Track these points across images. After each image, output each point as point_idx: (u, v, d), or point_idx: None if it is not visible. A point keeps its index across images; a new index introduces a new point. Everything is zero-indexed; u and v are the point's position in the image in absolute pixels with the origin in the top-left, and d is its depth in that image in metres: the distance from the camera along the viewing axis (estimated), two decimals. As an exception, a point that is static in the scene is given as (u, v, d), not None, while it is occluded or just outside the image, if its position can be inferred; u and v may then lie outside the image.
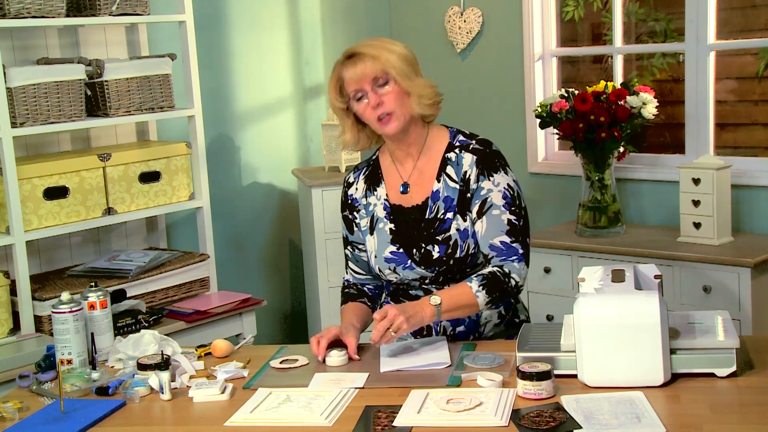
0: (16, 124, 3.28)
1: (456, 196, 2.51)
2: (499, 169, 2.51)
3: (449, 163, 2.53)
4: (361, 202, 2.63)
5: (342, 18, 4.82)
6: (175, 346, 2.49)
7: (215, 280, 3.84)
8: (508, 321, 2.61)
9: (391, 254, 2.54)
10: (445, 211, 2.51)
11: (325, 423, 2.02)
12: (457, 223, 2.49)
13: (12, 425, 2.13)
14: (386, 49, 2.46)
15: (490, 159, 2.51)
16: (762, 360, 2.20)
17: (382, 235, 2.57)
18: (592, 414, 1.94)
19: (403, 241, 2.54)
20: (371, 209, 2.60)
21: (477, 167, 2.50)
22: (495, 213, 2.48)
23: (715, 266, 3.60)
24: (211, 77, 4.25)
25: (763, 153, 4.33)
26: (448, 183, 2.52)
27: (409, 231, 2.54)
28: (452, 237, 2.49)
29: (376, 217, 2.59)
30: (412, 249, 2.52)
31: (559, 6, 4.57)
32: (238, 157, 4.43)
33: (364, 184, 2.64)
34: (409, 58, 2.51)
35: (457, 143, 2.56)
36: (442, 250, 2.49)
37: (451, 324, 2.55)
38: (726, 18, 4.39)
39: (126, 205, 3.60)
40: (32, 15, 3.30)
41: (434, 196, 2.52)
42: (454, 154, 2.53)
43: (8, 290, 3.27)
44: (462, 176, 2.51)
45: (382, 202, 2.59)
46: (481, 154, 2.52)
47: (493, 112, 4.73)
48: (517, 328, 2.58)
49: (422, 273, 2.52)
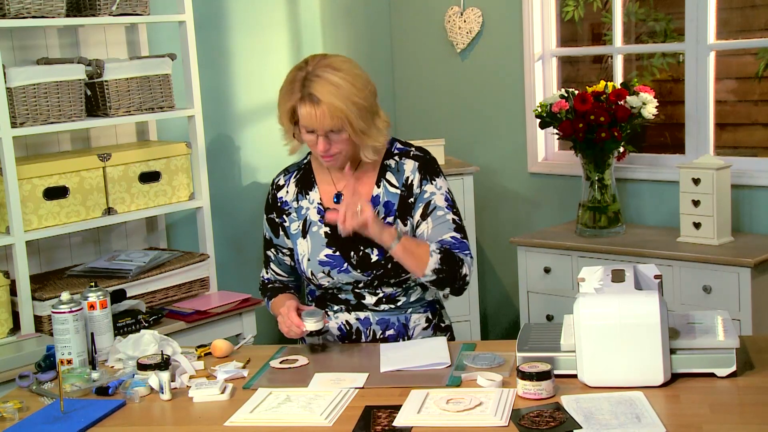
0: (16, 124, 3.28)
1: (397, 201, 2.51)
2: (439, 174, 2.55)
3: (389, 169, 2.53)
4: (292, 206, 2.61)
5: (342, 18, 4.82)
6: (175, 346, 2.49)
7: (215, 280, 3.84)
8: (434, 325, 2.61)
9: (326, 257, 2.53)
10: (386, 216, 2.50)
11: (325, 423, 2.02)
12: (398, 227, 2.49)
13: (12, 425, 2.13)
14: (348, 101, 2.35)
15: (431, 165, 2.54)
16: (762, 360, 2.20)
17: (316, 239, 2.55)
18: (592, 414, 1.94)
19: (338, 244, 2.52)
20: (303, 213, 2.59)
21: (419, 172, 2.51)
22: (440, 213, 2.50)
23: (715, 266, 3.61)
24: (211, 77, 4.25)
25: (763, 153, 4.33)
26: (388, 188, 2.52)
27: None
28: None
29: (309, 221, 2.57)
30: (350, 252, 2.51)
31: (559, 6, 4.57)
32: (238, 157, 4.43)
33: (295, 187, 2.62)
34: (368, 108, 2.41)
35: (396, 150, 2.56)
36: (381, 253, 2.48)
37: (380, 328, 2.55)
38: (726, 18, 4.39)
39: (126, 205, 3.59)
40: (32, 15, 3.30)
41: (374, 201, 2.51)
42: (393, 161, 2.54)
43: (8, 290, 3.27)
44: (404, 182, 2.51)
45: (315, 206, 2.57)
46: (422, 160, 2.54)
47: (493, 112, 4.73)
48: (443, 333, 2.63)
49: (357, 276, 2.51)
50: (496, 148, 4.75)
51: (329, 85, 2.36)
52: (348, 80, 2.38)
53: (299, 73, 2.41)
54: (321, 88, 2.36)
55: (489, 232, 4.82)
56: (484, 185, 4.73)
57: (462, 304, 4.34)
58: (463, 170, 4.32)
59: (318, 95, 2.35)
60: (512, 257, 4.35)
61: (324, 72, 2.38)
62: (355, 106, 2.37)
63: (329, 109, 2.35)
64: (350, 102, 2.36)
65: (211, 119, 4.19)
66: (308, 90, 2.37)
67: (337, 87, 2.36)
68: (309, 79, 2.38)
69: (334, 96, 2.35)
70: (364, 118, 2.40)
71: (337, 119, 2.37)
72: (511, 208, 4.73)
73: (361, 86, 2.39)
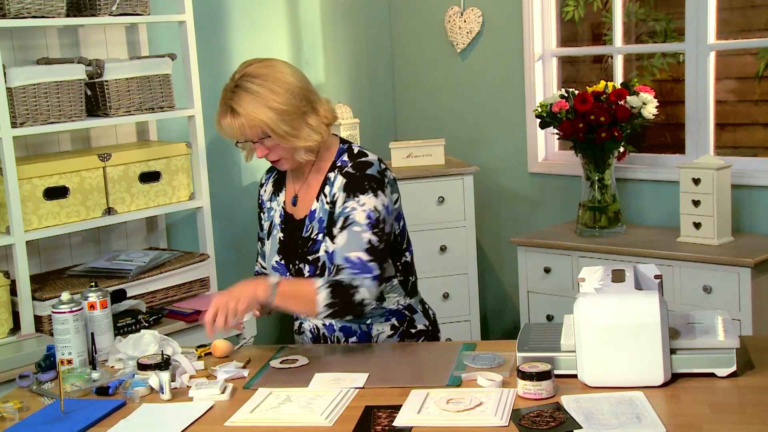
0: (16, 124, 3.27)
1: (326, 218, 2.49)
2: (367, 191, 2.44)
3: (328, 183, 2.51)
4: (266, 205, 2.65)
5: (342, 18, 4.82)
6: (175, 346, 2.50)
7: (215, 280, 3.84)
8: (402, 332, 2.57)
9: (276, 263, 2.56)
10: (318, 232, 2.49)
11: (325, 423, 2.02)
12: (326, 245, 2.47)
13: (12, 425, 2.13)
14: (265, 107, 2.36)
15: (359, 183, 2.44)
16: (762, 360, 2.20)
17: (273, 243, 2.59)
18: (592, 414, 1.94)
19: (285, 253, 2.55)
20: (272, 214, 2.62)
21: (344, 191, 2.45)
22: (356, 229, 2.41)
23: (715, 266, 3.61)
24: (211, 77, 4.24)
25: (763, 153, 4.33)
26: (324, 203, 2.50)
27: (292, 244, 2.54)
28: (320, 258, 2.47)
29: (274, 224, 2.60)
30: (290, 263, 2.53)
31: (559, 6, 4.57)
32: (238, 157, 4.43)
33: (271, 187, 2.65)
34: (290, 111, 2.39)
35: (339, 163, 2.51)
36: (311, 270, 2.49)
37: (343, 335, 2.56)
38: (726, 18, 4.39)
39: (126, 205, 3.59)
40: (32, 15, 3.29)
41: (311, 216, 2.51)
42: (333, 174, 2.50)
43: (8, 290, 3.27)
44: (331, 198, 2.48)
45: (279, 210, 2.60)
46: (351, 177, 2.46)
47: (493, 112, 4.73)
48: (415, 339, 2.58)
49: None
50: (496, 148, 4.75)
51: (247, 95, 2.37)
52: (265, 86, 2.38)
53: (230, 84, 2.43)
54: (239, 99, 2.38)
55: (489, 232, 4.82)
56: (484, 185, 4.73)
57: (462, 304, 4.34)
58: (463, 170, 4.32)
59: (236, 107, 2.38)
60: (512, 257, 4.35)
61: (243, 82, 2.39)
62: (274, 112, 2.36)
63: (246, 119, 2.37)
64: (267, 108, 2.36)
65: (211, 119, 4.16)
66: (229, 103, 2.40)
67: (255, 95, 2.37)
68: (232, 90, 2.40)
69: (250, 106, 2.37)
70: (286, 121, 2.38)
71: (256, 128, 2.39)
72: (511, 208, 4.73)
73: (280, 90, 2.38)
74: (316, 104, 2.46)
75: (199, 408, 2.15)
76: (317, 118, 2.45)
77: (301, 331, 2.66)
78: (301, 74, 2.48)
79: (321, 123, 2.46)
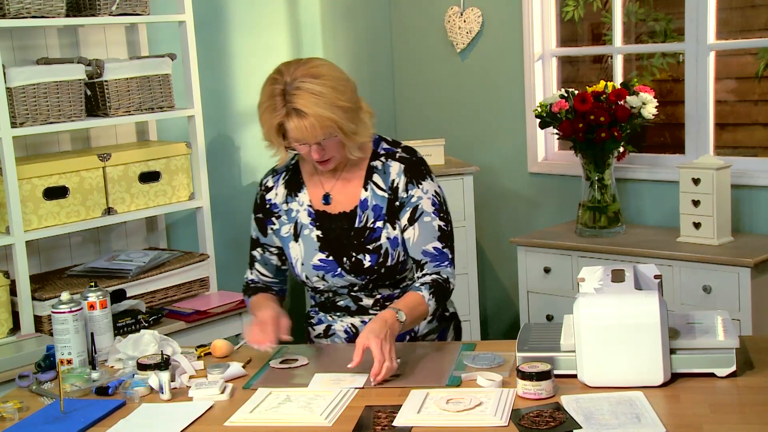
0: (16, 124, 3.27)
1: (385, 204, 2.49)
2: (426, 176, 2.50)
3: (376, 171, 2.51)
4: (282, 208, 2.58)
5: (342, 18, 4.82)
6: (175, 346, 2.50)
7: (215, 280, 3.84)
8: (439, 316, 2.62)
9: (320, 261, 2.52)
10: (375, 220, 2.49)
11: (325, 423, 2.02)
12: (387, 232, 2.48)
13: (12, 425, 2.13)
14: (334, 107, 2.33)
15: (417, 167, 2.50)
16: (762, 360, 2.20)
17: (308, 242, 2.53)
18: (592, 414, 1.94)
19: (331, 248, 2.51)
20: (294, 215, 2.56)
21: (405, 176, 2.48)
22: (426, 220, 2.47)
23: (715, 266, 3.60)
24: (211, 77, 4.25)
25: (763, 153, 4.33)
26: (375, 191, 2.50)
27: (338, 239, 2.51)
28: (383, 246, 2.48)
29: (301, 224, 2.55)
30: (342, 257, 2.50)
31: (559, 6, 4.57)
32: (238, 157, 4.43)
33: (284, 189, 2.59)
34: (353, 108, 2.38)
35: (382, 151, 2.53)
36: (374, 259, 2.48)
37: None
38: (726, 18, 4.39)
39: (126, 205, 3.59)
40: (32, 15, 3.29)
41: (362, 205, 2.50)
42: (380, 162, 2.51)
43: (8, 290, 3.27)
44: (390, 185, 2.49)
45: (305, 209, 2.55)
46: (408, 162, 2.50)
47: (493, 112, 4.73)
48: (448, 322, 2.63)
49: (352, 280, 2.51)
50: (496, 148, 4.75)
51: (311, 96, 2.32)
52: (329, 85, 2.34)
53: (276, 87, 2.35)
54: (304, 100, 2.32)
55: (489, 232, 4.82)
56: (484, 185, 4.73)
57: (462, 304, 4.33)
58: (463, 170, 4.32)
59: (303, 108, 2.32)
60: (512, 257, 4.35)
61: (303, 83, 2.33)
62: (341, 110, 2.35)
63: (317, 120, 2.32)
64: (336, 108, 2.34)
65: (211, 119, 4.18)
66: (292, 104, 2.33)
67: (320, 95, 2.33)
68: (289, 92, 2.33)
69: (318, 106, 2.32)
70: (351, 119, 2.38)
71: (327, 128, 2.35)
72: (511, 208, 4.73)
73: (342, 88, 2.36)
74: (361, 100, 2.47)
75: (198, 408, 2.15)
76: (366, 113, 2.47)
77: (330, 334, 2.60)
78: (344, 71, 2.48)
79: (370, 117, 2.48)
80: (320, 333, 2.63)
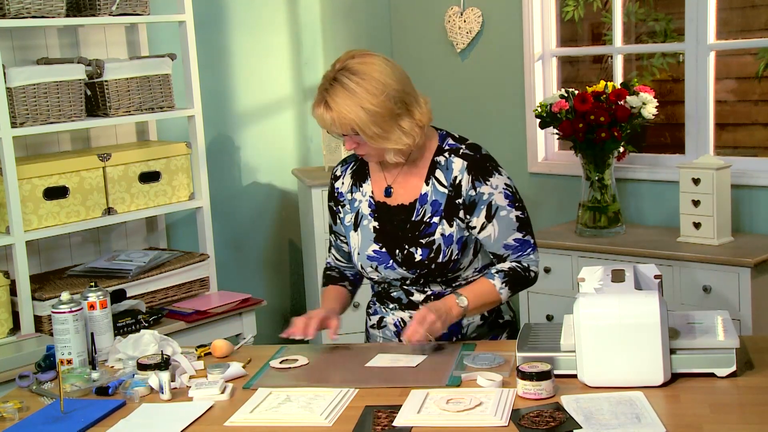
0: (16, 124, 3.28)
1: (444, 200, 2.49)
2: (492, 172, 2.50)
3: (438, 166, 2.51)
4: (347, 197, 2.61)
5: (342, 18, 4.82)
6: (175, 346, 2.49)
7: (215, 280, 3.84)
8: (491, 322, 2.60)
9: (374, 252, 2.53)
10: (432, 215, 2.49)
11: (325, 423, 2.02)
12: (443, 228, 2.48)
13: (12, 425, 2.13)
14: (358, 108, 2.33)
15: (481, 164, 2.50)
16: (762, 360, 2.20)
17: (365, 233, 2.55)
18: (592, 414, 1.94)
19: (386, 240, 2.52)
20: (356, 205, 2.58)
21: (469, 173, 2.48)
22: (503, 214, 2.48)
23: (715, 266, 3.60)
24: (211, 77, 4.25)
25: (763, 153, 4.33)
26: (437, 187, 2.50)
27: (393, 231, 2.53)
28: (436, 241, 2.47)
29: (361, 214, 2.57)
30: (395, 249, 2.51)
31: (559, 6, 4.57)
32: (238, 157, 4.43)
33: (350, 179, 2.62)
34: (383, 113, 2.36)
35: (447, 147, 2.53)
36: (425, 253, 2.48)
37: None
38: (726, 18, 4.39)
39: (126, 205, 3.60)
40: (32, 15, 3.30)
41: (422, 199, 2.51)
42: (443, 158, 2.51)
43: (8, 290, 3.27)
44: (452, 181, 2.48)
45: (367, 199, 2.57)
46: (472, 159, 2.50)
47: (493, 112, 4.73)
48: (501, 329, 2.61)
49: (403, 274, 2.51)
50: (496, 148, 4.72)
51: (343, 91, 2.35)
52: (362, 85, 2.35)
53: (330, 72, 2.41)
54: (334, 94, 2.36)
55: (489, 232, 4.81)
56: (484, 185, 4.72)
57: (462, 304, 4.33)
58: (463, 170, 4.31)
59: (330, 101, 2.36)
60: (512, 257, 4.34)
61: (342, 76, 2.37)
62: (366, 113, 2.34)
63: (337, 116, 2.35)
64: (360, 109, 2.34)
65: (211, 119, 4.19)
66: (325, 95, 2.37)
67: (350, 93, 2.35)
68: (330, 83, 2.38)
69: (344, 103, 2.34)
70: (377, 123, 2.36)
71: (346, 126, 2.37)
72: (511, 208, 4.72)
73: (376, 91, 2.35)
74: (411, 106, 2.43)
75: (198, 408, 2.15)
76: (411, 121, 2.42)
77: (382, 325, 2.63)
78: (401, 74, 2.44)
79: (415, 126, 2.43)
80: (374, 323, 2.66)
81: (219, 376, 2.30)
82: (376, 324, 2.65)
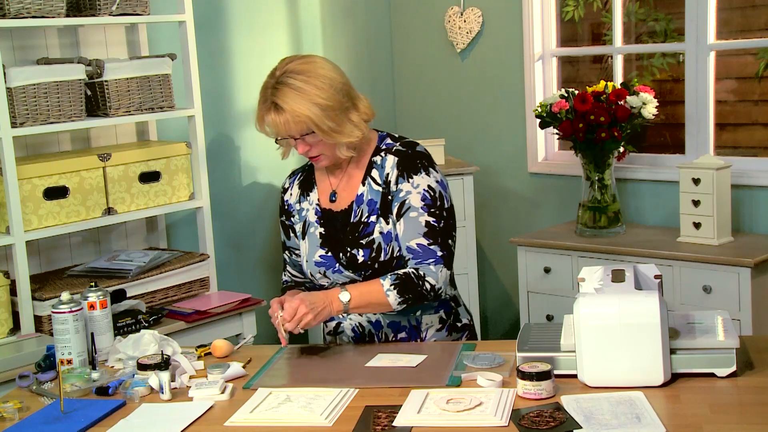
0: (16, 124, 3.28)
1: (379, 199, 2.49)
2: (420, 170, 2.48)
3: (375, 166, 2.52)
4: (295, 207, 2.63)
5: (342, 18, 4.82)
6: (175, 346, 2.49)
7: (215, 280, 3.84)
8: (449, 326, 2.59)
9: (320, 258, 2.54)
10: (369, 215, 2.49)
11: (325, 423, 2.02)
12: (380, 227, 2.48)
13: (12, 425, 2.13)
14: (310, 103, 2.36)
15: (411, 160, 2.48)
16: (762, 360, 2.20)
17: (312, 240, 2.56)
18: (592, 414, 1.94)
19: (330, 244, 2.53)
20: (304, 214, 2.60)
21: (397, 169, 2.48)
22: (412, 215, 2.45)
23: (715, 266, 3.61)
24: (211, 77, 4.25)
25: (763, 153, 4.33)
26: (372, 186, 2.50)
27: (336, 235, 2.53)
28: (376, 240, 2.48)
29: (308, 222, 2.58)
30: (339, 252, 2.52)
31: (559, 6, 4.58)
32: (238, 157, 4.43)
33: (298, 189, 2.64)
34: (334, 106, 2.39)
35: (384, 146, 2.54)
36: (366, 253, 2.48)
37: (392, 330, 2.55)
38: (726, 18, 4.39)
39: (126, 205, 3.59)
40: (32, 15, 3.29)
41: (358, 200, 2.51)
42: (379, 158, 2.52)
43: (8, 290, 3.27)
44: (384, 178, 2.49)
45: (313, 207, 2.58)
46: (403, 155, 2.49)
47: (493, 112, 4.73)
48: (460, 333, 2.60)
49: (351, 276, 2.51)
50: (496, 148, 4.75)
51: (291, 91, 2.37)
52: (310, 82, 2.38)
53: (269, 81, 2.43)
54: (283, 95, 2.38)
55: (489, 232, 4.82)
56: (484, 185, 4.73)
57: (462, 304, 4.33)
58: (463, 170, 4.32)
59: (280, 103, 2.38)
60: (512, 257, 4.35)
61: (286, 78, 2.39)
62: (319, 107, 2.37)
63: (291, 116, 2.37)
64: (312, 104, 2.36)
65: (211, 119, 4.19)
66: (272, 99, 2.39)
67: (299, 92, 2.37)
68: (275, 87, 2.40)
69: (295, 102, 2.36)
70: (330, 117, 2.39)
71: (301, 124, 2.38)
72: (511, 208, 4.73)
73: (324, 86, 2.39)
74: (356, 100, 2.48)
75: (198, 408, 2.15)
76: (358, 114, 2.46)
77: (339, 331, 2.62)
78: (341, 70, 2.48)
79: (361, 119, 2.47)
80: (331, 330, 2.65)
81: (219, 376, 2.30)
82: (332, 330, 2.64)
